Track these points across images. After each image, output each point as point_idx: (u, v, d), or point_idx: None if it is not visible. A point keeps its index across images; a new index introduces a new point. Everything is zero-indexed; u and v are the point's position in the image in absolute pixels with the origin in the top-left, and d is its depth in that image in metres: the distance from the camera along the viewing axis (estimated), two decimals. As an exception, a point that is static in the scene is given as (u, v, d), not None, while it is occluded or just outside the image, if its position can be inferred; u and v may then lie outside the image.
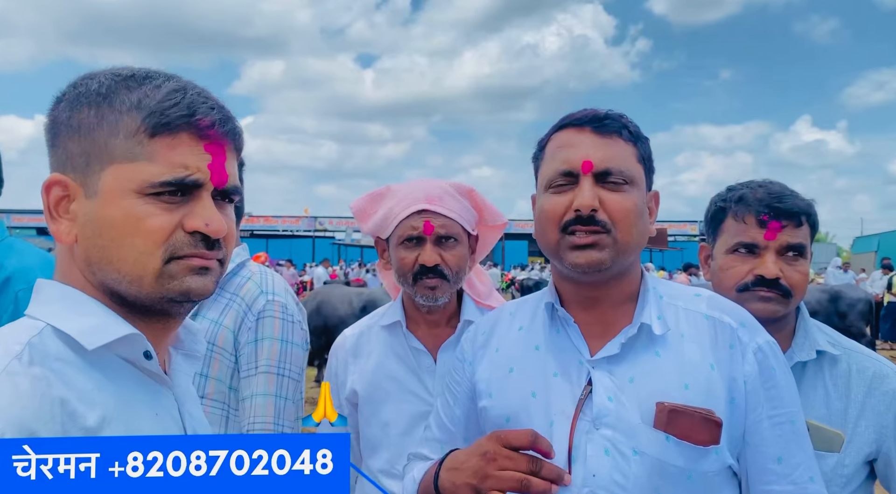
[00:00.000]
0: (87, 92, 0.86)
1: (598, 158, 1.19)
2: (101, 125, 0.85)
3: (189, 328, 1.00)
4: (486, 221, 1.86)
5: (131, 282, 0.85)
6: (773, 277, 1.48)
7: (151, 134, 0.84)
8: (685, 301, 1.27)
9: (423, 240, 1.69)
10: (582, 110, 1.27)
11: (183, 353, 1.00)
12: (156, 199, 0.84)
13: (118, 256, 0.84)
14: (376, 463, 1.75)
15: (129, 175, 0.84)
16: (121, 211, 0.84)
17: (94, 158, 0.85)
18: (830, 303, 10.19)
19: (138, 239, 0.84)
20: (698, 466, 1.14)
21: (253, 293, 1.78)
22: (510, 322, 1.38)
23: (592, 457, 1.15)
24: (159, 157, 0.84)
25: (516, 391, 1.26)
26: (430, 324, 1.78)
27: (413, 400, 1.72)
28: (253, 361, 1.73)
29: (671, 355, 1.20)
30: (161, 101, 0.85)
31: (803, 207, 1.52)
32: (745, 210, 1.53)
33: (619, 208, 1.19)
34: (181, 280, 0.86)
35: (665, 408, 1.14)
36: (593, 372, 1.20)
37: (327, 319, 8.30)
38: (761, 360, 1.20)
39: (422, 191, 1.73)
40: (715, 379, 1.17)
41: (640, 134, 1.27)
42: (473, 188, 1.83)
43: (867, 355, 1.56)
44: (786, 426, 1.18)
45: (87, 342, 0.81)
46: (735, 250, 1.55)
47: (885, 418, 1.47)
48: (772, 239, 1.50)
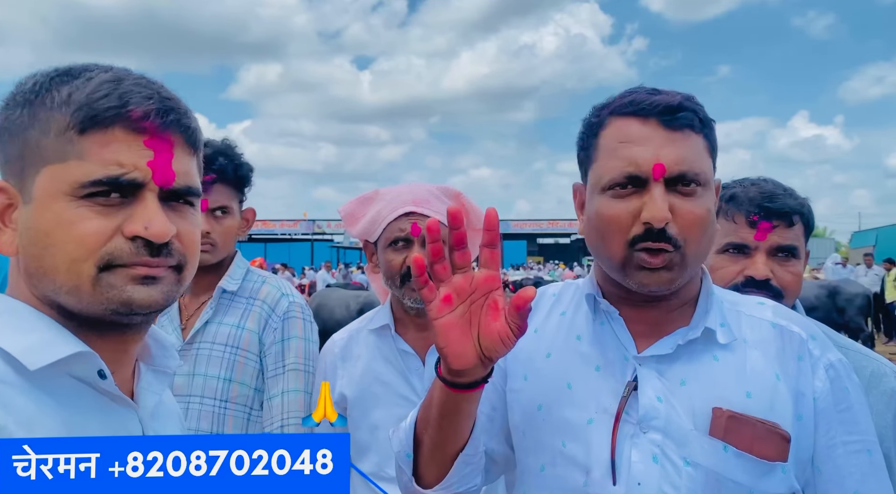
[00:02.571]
0: (22, 91, 0.80)
1: (670, 160, 1.02)
2: (33, 125, 0.78)
3: (161, 342, 0.94)
4: (473, 224, 1.88)
5: (68, 293, 0.77)
6: (763, 278, 1.47)
7: (81, 130, 0.77)
8: (748, 308, 1.15)
9: (410, 242, 1.71)
10: (645, 93, 1.08)
11: (153, 370, 0.92)
12: (89, 201, 0.77)
13: (52, 264, 0.77)
14: (366, 467, 1.76)
15: (60, 176, 0.77)
16: (52, 216, 0.76)
17: (28, 161, 0.78)
18: (829, 298, 10.21)
19: (69, 245, 0.76)
20: (761, 484, 1.00)
21: (274, 296, 1.87)
22: (553, 304, 1.24)
23: (638, 464, 1.02)
24: (91, 154, 0.77)
25: (551, 380, 1.14)
26: (418, 327, 1.79)
27: (402, 403, 1.72)
28: (281, 360, 1.81)
29: (732, 359, 1.07)
30: (90, 93, 0.77)
31: (795, 206, 1.50)
32: (736, 210, 1.52)
33: (691, 217, 1.03)
34: (121, 290, 0.77)
35: (724, 414, 1.01)
36: (640, 370, 1.07)
37: (325, 322, 8.32)
38: (833, 378, 1.06)
39: (409, 194, 1.76)
40: (781, 391, 1.04)
41: (708, 119, 1.10)
42: (461, 192, 1.87)
43: (865, 354, 1.55)
44: (863, 455, 1.05)
45: (28, 361, 0.74)
46: (725, 251, 1.53)
47: (884, 418, 1.46)
48: (762, 240, 1.49)
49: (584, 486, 1.05)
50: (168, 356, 0.94)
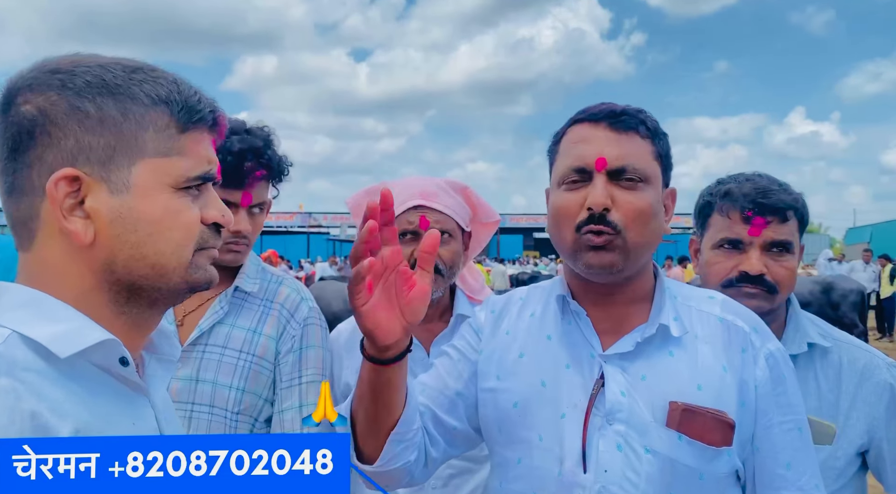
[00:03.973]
0: (98, 82, 0.81)
1: (612, 156, 1.17)
2: (127, 118, 0.82)
3: (162, 330, 0.96)
4: (479, 218, 1.89)
5: (161, 276, 0.85)
6: (758, 273, 1.48)
7: (183, 129, 0.85)
8: (698, 303, 1.27)
9: (418, 235, 1.71)
10: (599, 104, 1.25)
11: (157, 358, 0.96)
12: (186, 193, 0.86)
13: (155, 250, 0.83)
14: None
15: (164, 170, 0.84)
16: (159, 206, 0.83)
17: (119, 153, 0.82)
18: (823, 294, 10.24)
19: (176, 232, 0.84)
20: (710, 467, 1.14)
21: (294, 300, 1.71)
22: (521, 307, 1.36)
23: (605, 453, 1.14)
24: (189, 151, 0.86)
25: (526, 378, 1.25)
26: (423, 319, 1.79)
27: None
28: (297, 370, 1.65)
29: (685, 355, 1.19)
30: (188, 96, 0.86)
31: (789, 202, 1.51)
32: (731, 206, 1.53)
33: (631, 207, 1.17)
34: (206, 269, 0.89)
35: (679, 407, 1.13)
36: (606, 367, 1.19)
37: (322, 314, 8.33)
38: (773, 366, 1.20)
39: (417, 187, 1.75)
40: (727, 381, 1.17)
41: (658, 130, 1.25)
42: (468, 186, 1.86)
43: (858, 346, 1.56)
44: (794, 432, 1.19)
45: (59, 349, 0.76)
46: (720, 246, 1.55)
47: (877, 409, 1.48)
48: (756, 235, 1.50)
49: (559, 475, 1.17)
50: (171, 345, 0.97)
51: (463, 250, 1.81)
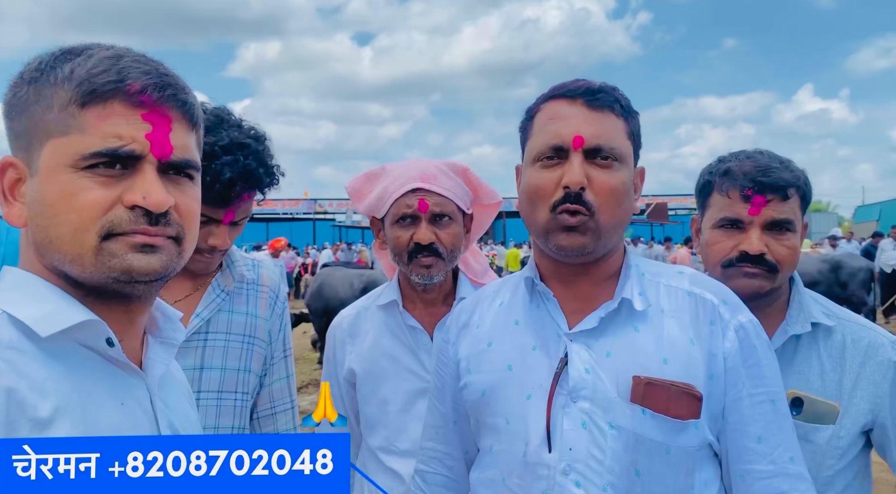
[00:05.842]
0: (28, 70, 0.84)
1: (589, 134, 1.17)
2: (38, 101, 0.82)
3: (167, 314, 0.97)
4: (480, 200, 1.87)
5: (72, 262, 0.81)
6: (758, 253, 1.45)
7: (82, 104, 0.80)
8: (667, 278, 1.26)
9: (417, 218, 1.70)
10: (574, 81, 1.23)
11: (161, 341, 0.96)
12: (91, 172, 0.80)
13: (56, 234, 0.81)
14: (375, 441, 1.78)
15: (62, 149, 0.80)
16: (56, 187, 0.80)
17: (33, 136, 0.82)
18: (832, 273, 10.19)
19: (73, 215, 0.80)
20: (677, 440, 1.13)
21: (275, 281, 1.80)
22: (492, 299, 1.37)
23: (569, 431, 1.14)
24: (91, 128, 0.80)
25: (493, 365, 1.26)
26: (426, 303, 1.80)
27: (410, 378, 1.74)
28: (280, 347, 1.78)
29: (650, 330, 1.19)
30: (90, 69, 0.81)
31: (790, 179, 1.48)
32: (730, 184, 1.49)
33: (606, 186, 1.17)
34: (122, 258, 0.81)
35: (641, 381, 1.13)
36: (570, 345, 1.19)
37: (328, 301, 8.34)
38: (742, 338, 1.19)
39: (416, 170, 1.74)
40: (694, 354, 1.16)
41: (631, 108, 1.24)
42: (468, 167, 1.84)
43: (862, 324, 1.54)
44: (766, 405, 1.17)
45: (40, 329, 0.77)
46: (720, 225, 1.52)
47: (881, 387, 1.46)
48: (756, 214, 1.47)
49: (524, 456, 1.17)
50: (175, 328, 0.98)
51: (464, 233, 1.80)
